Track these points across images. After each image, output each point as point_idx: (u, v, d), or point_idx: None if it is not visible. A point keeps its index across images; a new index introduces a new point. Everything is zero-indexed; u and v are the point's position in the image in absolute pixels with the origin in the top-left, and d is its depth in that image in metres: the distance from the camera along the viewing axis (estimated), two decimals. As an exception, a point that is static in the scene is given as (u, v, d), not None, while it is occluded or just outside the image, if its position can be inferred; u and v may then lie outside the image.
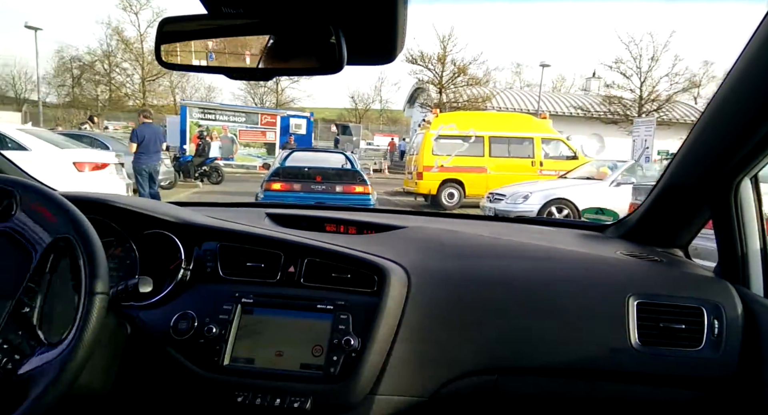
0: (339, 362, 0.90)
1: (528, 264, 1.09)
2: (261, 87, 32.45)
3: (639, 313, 0.96)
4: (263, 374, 0.91)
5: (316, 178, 6.03)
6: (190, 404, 0.95)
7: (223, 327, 0.95)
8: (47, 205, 0.79)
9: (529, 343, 0.96)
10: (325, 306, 0.96)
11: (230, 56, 0.68)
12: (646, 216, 1.26)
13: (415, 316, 0.96)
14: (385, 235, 1.23)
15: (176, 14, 0.67)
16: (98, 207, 1.07)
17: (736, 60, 0.86)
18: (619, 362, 0.94)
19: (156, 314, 0.99)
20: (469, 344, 0.95)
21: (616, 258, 1.13)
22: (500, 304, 0.99)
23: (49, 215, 0.78)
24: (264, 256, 1.06)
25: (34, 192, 0.81)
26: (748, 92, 0.86)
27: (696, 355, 0.93)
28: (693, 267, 1.12)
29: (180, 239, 1.08)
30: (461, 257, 1.11)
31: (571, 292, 0.99)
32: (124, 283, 0.86)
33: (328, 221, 1.33)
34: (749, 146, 0.91)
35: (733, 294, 0.98)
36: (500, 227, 1.50)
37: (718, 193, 1.03)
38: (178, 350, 0.94)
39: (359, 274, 1.01)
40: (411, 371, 0.93)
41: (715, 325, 0.94)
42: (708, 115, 0.96)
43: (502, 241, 1.20)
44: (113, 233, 1.08)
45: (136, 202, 1.14)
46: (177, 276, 1.04)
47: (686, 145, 1.05)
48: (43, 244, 0.76)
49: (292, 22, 0.64)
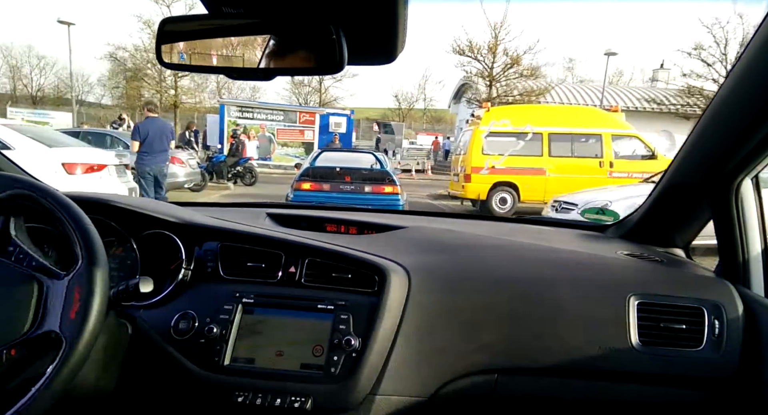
0: (339, 362, 0.90)
1: (528, 264, 1.09)
2: (305, 86, 32.46)
3: (639, 313, 0.96)
4: (264, 374, 0.91)
5: (346, 179, 5.96)
6: (190, 404, 0.95)
7: (223, 327, 0.95)
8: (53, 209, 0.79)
9: (529, 343, 0.95)
10: (325, 306, 0.96)
11: (230, 56, 0.69)
12: (647, 216, 1.26)
13: (416, 316, 0.96)
14: (386, 235, 1.24)
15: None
16: (99, 207, 1.07)
17: (737, 60, 0.86)
18: (620, 362, 0.94)
19: (157, 314, 0.99)
20: (469, 344, 0.95)
21: (616, 258, 1.13)
22: (500, 304, 0.98)
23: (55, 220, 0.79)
24: (265, 256, 1.06)
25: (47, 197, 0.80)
26: (748, 93, 0.86)
27: (696, 355, 0.93)
28: (693, 267, 1.12)
29: (181, 238, 1.09)
30: (462, 257, 1.11)
31: (571, 292, 0.99)
32: (125, 283, 0.87)
33: (329, 221, 1.33)
34: (750, 146, 0.91)
35: (733, 294, 0.98)
36: (500, 227, 1.50)
37: (718, 193, 1.03)
38: (178, 350, 0.94)
39: (360, 274, 1.01)
40: (411, 371, 0.93)
41: (716, 325, 0.94)
42: (709, 115, 0.96)
43: (502, 241, 1.21)
44: (114, 233, 1.09)
45: (137, 202, 1.14)
46: (178, 276, 1.05)
47: (687, 146, 1.06)
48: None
49: (293, 22, 0.64)
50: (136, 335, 0.94)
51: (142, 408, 0.98)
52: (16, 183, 0.81)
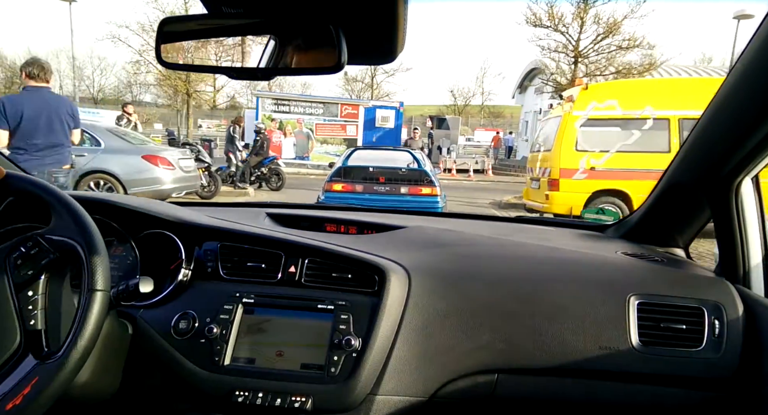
0: (339, 362, 0.90)
1: (528, 264, 1.08)
2: (358, 82, 31.81)
3: (639, 313, 0.95)
4: (264, 374, 0.91)
5: (380, 179, 5.57)
6: (190, 404, 0.94)
7: (223, 327, 0.95)
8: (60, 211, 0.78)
9: (529, 343, 0.94)
10: (325, 306, 0.96)
11: (230, 56, 0.76)
12: (647, 216, 1.26)
13: (416, 316, 0.96)
14: (386, 235, 1.23)
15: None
16: (99, 207, 1.07)
17: (738, 60, 0.86)
18: (620, 362, 0.93)
19: (157, 313, 0.99)
20: (469, 344, 0.95)
21: (616, 258, 1.13)
22: (500, 304, 0.98)
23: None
24: (265, 256, 1.06)
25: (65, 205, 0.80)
26: (748, 92, 0.86)
27: (697, 355, 0.93)
28: (693, 267, 1.12)
29: (181, 238, 1.08)
30: (462, 256, 1.11)
31: (571, 292, 0.99)
32: (125, 283, 0.87)
33: (329, 221, 1.33)
34: (750, 146, 0.91)
35: (733, 294, 0.97)
36: (500, 227, 1.48)
37: (718, 193, 1.03)
38: (178, 350, 0.94)
39: (360, 274, 1.00)
40: (411, 371, 0.93)
41: (716, 325, 0.94)
42: (709, 114, 0.96)
43: (502, 241, 1.20)
44: (114, 233, 1.08)
45: (137, 201, 1.14)
46: (178, 276, 1.04)
47: (687, 145, 1.05)
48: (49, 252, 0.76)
49: (293, 21, 0.64)
50: (136, 335, 0.94)
51: (142, 408, 0.98)
52: (20, 181, 0.81)
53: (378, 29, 0.59)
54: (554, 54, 15.87)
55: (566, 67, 15.47)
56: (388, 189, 5.51)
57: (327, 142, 15.48)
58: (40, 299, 0.75)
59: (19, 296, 0.74)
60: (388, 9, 0.54)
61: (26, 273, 0.75)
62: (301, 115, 15.33)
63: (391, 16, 0.55)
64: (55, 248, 0.76)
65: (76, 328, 0.70)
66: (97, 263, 0.73)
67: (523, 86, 20.74)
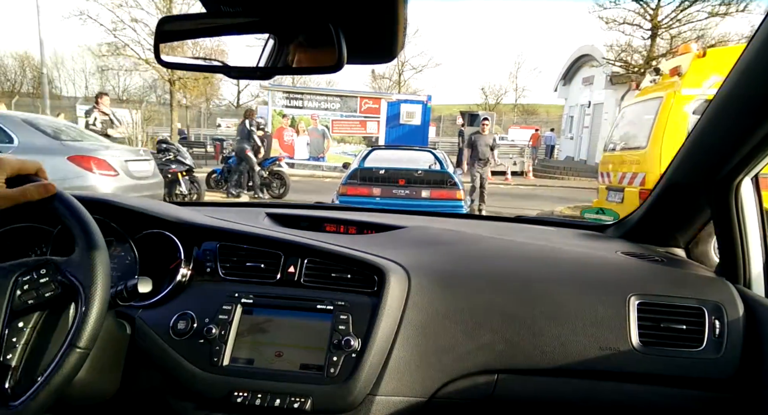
0: (339, 362, 0.90)
1: (528, 264, 1.08)
2: (385, 79, 30.98)
3: (640, 313, 0.95)
4: (263, 374, 0.91)
5: (399, 182, 5.14)
6: (189, 405, 0.94)
7: (222, 327, 0.95)
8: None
9: (529, 343, 0.94)
10: (325, 306, 0.95)
11: (229, 55, 0.73)
12: (647, 216, 1.26)
13: (415, 316, 0.95)
14: (385, 235, 1.23)
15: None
16: (99, 206, 1.06)
17: (738, 59, 0.85)
18: (620, 363, 0.93)
19: (155, 314, 0.99)
20: (469, 344, 0.94)
21: (616, 258, 1.12)
22: (500, 304, 0.97)
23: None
24: (264, 256, 1.06)
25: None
26: (748, 92, 0.86)
27: (697, 355, 0.92)
28: (694, 267, 1.11)
29: (179, 238, 1.08)
30: (461, 256, 1.11)
31: (571, 292, 0.98)
32: (124, 283, 0.86)
33: (328, 221, 1.33)
34: (750, 146, 0.90)
35: (734, 294, 0.97)
36: (500, 226, 1.48)
37: (718, 192, 1.02)
38: (177, 350, 0.94)
39: (359, 274, 1.00)
40: (411, 371, 0.93)
41: (716, 325, 0.93)
42: (709, 114, 0.96)
43: (502, 241, 1.20)
44: (113, 233, 1.08)
45: (136, 201, 1.14)
46: (176, 276, 1.04)
47: (687, 145, 1.05)
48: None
49: (292, 21, 0.64)
50: (135, 336, 0.94)
51: (141, 408, 0.98)
52: (66, 207, 0.80)
53: (377, 29, 0.59)
54: (623, 26, 12.67)
55: (641, 42, 12.12)
56: (408, 192, 5.12)
57: (345, 140, 13.76)
58: (27, 332, 0.74)
59: (10, 324, 0.73)
60: (388, 9, 0.55)
61: (26, 301, 0.74)
62: (315, 111, 13.67)
63: (391, 16, 0.56)
64: (61, 284, 0.74)
65: (43, 380, 0.68)
66: (90, 319, 0.71)
67: (567, 76, 18.50)
